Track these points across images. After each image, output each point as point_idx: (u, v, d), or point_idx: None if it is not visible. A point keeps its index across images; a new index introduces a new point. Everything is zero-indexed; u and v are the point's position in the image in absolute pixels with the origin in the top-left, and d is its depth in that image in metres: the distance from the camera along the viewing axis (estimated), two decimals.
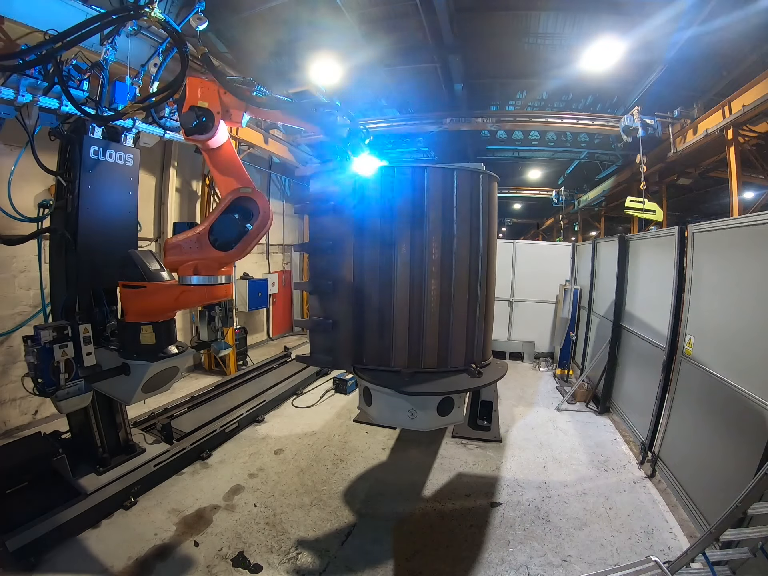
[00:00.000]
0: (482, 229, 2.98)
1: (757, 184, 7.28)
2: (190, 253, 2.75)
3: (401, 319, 2.86)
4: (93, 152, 3.30)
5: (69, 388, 2.78)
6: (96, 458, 3.61)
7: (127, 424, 3.97)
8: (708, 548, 2.20)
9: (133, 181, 3.67)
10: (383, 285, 2.87)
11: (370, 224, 2.85)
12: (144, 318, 2.97)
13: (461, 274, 2.89)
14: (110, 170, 3.46)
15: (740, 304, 3.13)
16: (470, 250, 2.92)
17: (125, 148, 3.60)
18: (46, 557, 2.88)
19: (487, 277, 3.08)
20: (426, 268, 2.82)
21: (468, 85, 7.70)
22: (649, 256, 5.14)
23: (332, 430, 5.20)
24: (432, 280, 2.82)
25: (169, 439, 4.24)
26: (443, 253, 2.84)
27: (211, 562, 2.95)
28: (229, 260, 2.83)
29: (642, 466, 4.36)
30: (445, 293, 2.86)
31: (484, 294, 3.06)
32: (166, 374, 3.19)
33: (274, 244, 10.47)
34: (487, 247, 3.03)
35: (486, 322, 3.12)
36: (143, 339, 2.95)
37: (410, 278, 2.83)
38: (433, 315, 2.86)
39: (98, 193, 3.37)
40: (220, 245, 2.69)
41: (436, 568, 2.98)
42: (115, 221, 3.53)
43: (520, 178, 13.87)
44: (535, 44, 6.46)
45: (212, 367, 7.65)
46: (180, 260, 2.78)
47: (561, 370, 7.64)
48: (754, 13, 4.82)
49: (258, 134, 7.97)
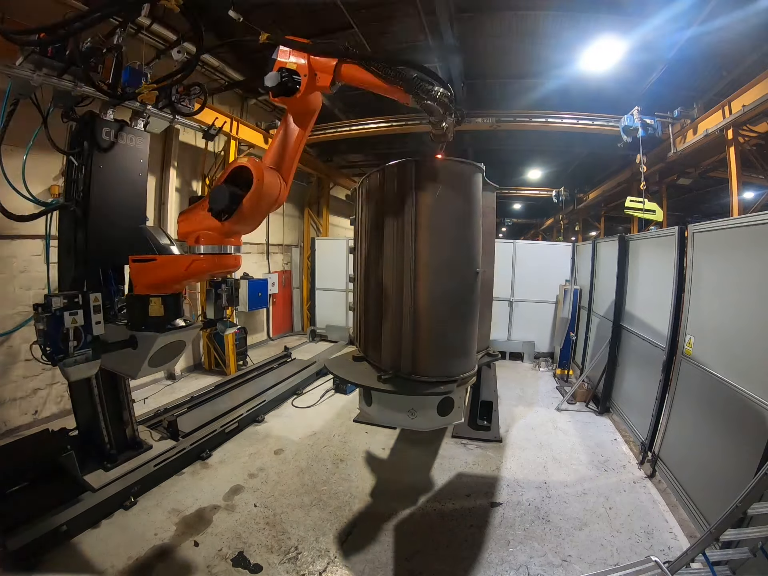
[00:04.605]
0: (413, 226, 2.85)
1: (757, 184, 7.28)
2: (195, 224, 2.88)
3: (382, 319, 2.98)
4: (105, 134, 3.42)
5: (77, 357, 2.82)
6: (104, 454, 3.65)
7: (134, 420, 4.00)
8: (708, 548, 2.20)
9: (143, 163, 3.77)
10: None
11: None
12: (153, 291, 3.04)
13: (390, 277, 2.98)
14: (121, 152, 3.56)
15: (740, 304, 3.13)
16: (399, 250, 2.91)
17: (136, 131, 3.70)
18: (46, 557, 2.87)
19: (416, 281, 2.84)
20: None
21: (468, 85, 7.70)
22: (649, 256, 5.14)
23: (332, 430, 5.20)
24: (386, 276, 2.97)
25: (176, 436, 4.32)
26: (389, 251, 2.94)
27: (211, 562, 2.95)
28: (229, 229, 2.82)
29: (642, 466, 4.36)
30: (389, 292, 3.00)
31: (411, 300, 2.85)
32: (173, 347, 3.25)
33: (274, 244, 10.46)
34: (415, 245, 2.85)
35: (417, 331, 2.85)
36: (152, 311, 3.02)
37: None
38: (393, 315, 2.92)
39: (109, 173, 3.48)
40: (216, 214, 2.73)
41: (436, 568, 2.98)
42: (124, 200, 3.63)
43: (521, 178, 13.87)
44: (535, 44, 6.46)
45: (212, 367, 7.66)
46: (188, 231, 2.90)
47: (561, 370, 7.64)
48: (754, 13, 4.81)
49: (258, 134, 7.98)
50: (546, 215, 19.33)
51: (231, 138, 7.22)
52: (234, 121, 7.17)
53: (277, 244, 10.68)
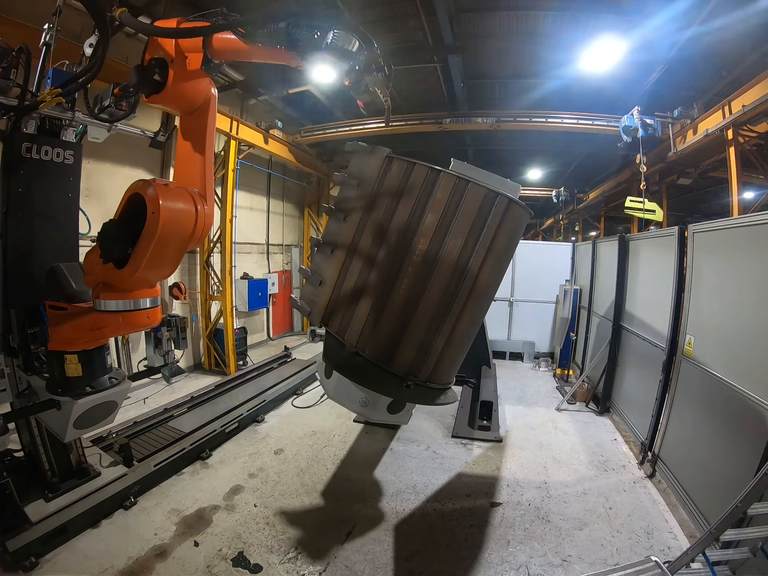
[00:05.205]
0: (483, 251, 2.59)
1: (757, 184, 7.28)
2: (97, 271, 2.24)
3: (367, 296, 2.59)
4: (26, 150, 2.83)
5: None
6: (45, 482, 3.20)
7: (79, 444, 3.49)
8: (708, 548, 2.20)
9: (73, 181, 3.18)
10: (368, 259, 2.62)
11: (379, 203, 2.66)
12: (68, 345, 2.49)
13: (441, 280, 2.52)
14: (45, 169, 2.97)
15: (740, 304, 3.13)
16: (461, 263, 2.54)
17: (64, 143, 3.09)
18: (46, 557, 2.87)
19: (469, 299, 2.60)
20: (409, 257, 2.50)
21: (468, 85, 7.70)
22: (649, 256, 5.14)
23: (332, 430, 5.20)
24: (410, 270, 2.50)
25: (128, 461, 3.80)
26: (430, 250, 2.50)
27: (211, 562, 2.95)
28: (132, 279, 2.22)
29: (642, 466, 4.36)
30: (417, 290, 2.52)
31: (459, 311, 2.60)
32: (103, 407, 2.73)
33: (274, 244, 10.47)
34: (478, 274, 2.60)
35: (450, 342, 2.62)
36: (68, 370, 2.49)
37: (391, 262, 2.55)
38: (396, 306, 2.53)
39: (31, 196, 2.90)
40: (108, 261, 2.16)
41: (436, 568, 2.98)
42: (51, 227, 3.06)
43: (521, 178, 13.87)
44: (535, 44, 6.46)
45: (212, 367, 7.66)
46: (91, 279, 2.31)
47: (561, 370, 7.64)
48: (754, 13, 4.81)
49: (258, 134, 7.98)
50: (546, 215, 19.35)
51: (231, 138, 7.22)
52: (234, 121, 7.17)
53: (277, 244, 10.69)
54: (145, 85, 2.23)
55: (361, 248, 2.72)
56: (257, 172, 9.37)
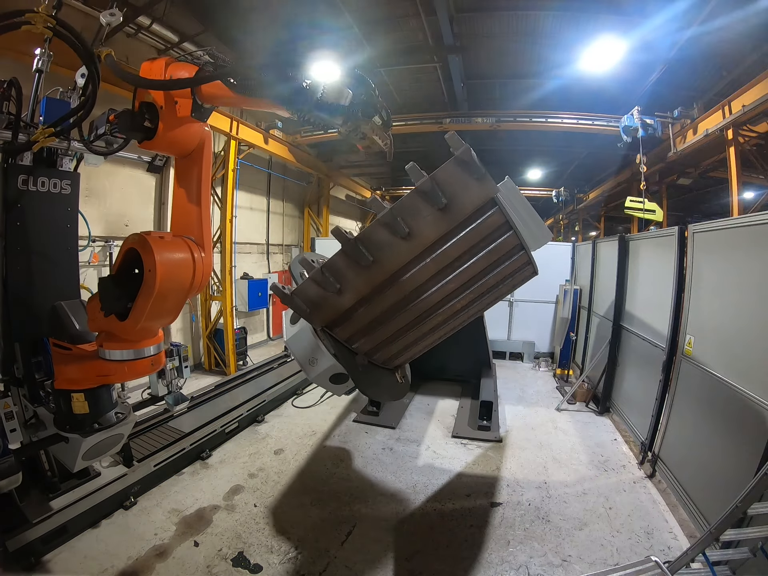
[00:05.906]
0: None
1: (757, 184, 7.29)
2: (99, 320, 2.22)
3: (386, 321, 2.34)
4: (22, 182, 2.72)
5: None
6: (45, 482, 3.20)
7: None
8: (708, 548, 2.20)
9: (71, 211, 3.08)
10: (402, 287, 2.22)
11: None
12: (74, 385, 2.48)
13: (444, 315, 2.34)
14: (43, 201, 2.87)
15: (740, 304, 3.13)
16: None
17: (60, 173, 2.98)
18: (46, 557, 2.88)
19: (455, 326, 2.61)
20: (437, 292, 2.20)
21: (468, 85, 7.70)
22: (649, 256, 5.14)
23: (332, 430, 5.20)
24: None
25: (128, 461, 3.76)
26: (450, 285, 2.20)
27: (211, 562, 2.95)
28: (134, 331, 2.19)
29: (642, 466, 4.36)
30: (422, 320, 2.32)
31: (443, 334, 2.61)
32: (109, 442, 2.76)
33: (274, 244, 10.48)
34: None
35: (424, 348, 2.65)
36: (75, 408, 2.49)
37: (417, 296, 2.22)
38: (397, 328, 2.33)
39: (29, 230, 2.82)
40: (108, 312, 2.14)
41: (436, 568, 2.99)
42: (51, 260, 2.97)
43: (521, 178, 13.87)
44: (535, 44, 6.47)
45: (212, 367, 7.67)
46: (95, 327, 2.30)
47: (561, 370, 7.64)
48: (754, 13, 4.82)
49: (258, 134, 7.98)
50: (546, 215, 19.35)
51: (231, 138, 7.22)
52: (234, 121, 7.17)
53: (277, 244, 10.70)
54: (135, 132, 2.19)
55: (406, 277, 2.21)
56: (257, 172, 9.37)
